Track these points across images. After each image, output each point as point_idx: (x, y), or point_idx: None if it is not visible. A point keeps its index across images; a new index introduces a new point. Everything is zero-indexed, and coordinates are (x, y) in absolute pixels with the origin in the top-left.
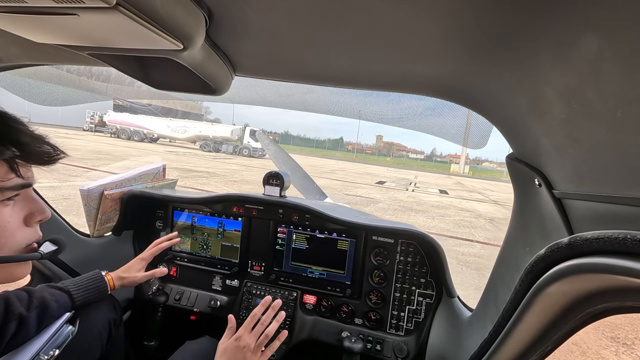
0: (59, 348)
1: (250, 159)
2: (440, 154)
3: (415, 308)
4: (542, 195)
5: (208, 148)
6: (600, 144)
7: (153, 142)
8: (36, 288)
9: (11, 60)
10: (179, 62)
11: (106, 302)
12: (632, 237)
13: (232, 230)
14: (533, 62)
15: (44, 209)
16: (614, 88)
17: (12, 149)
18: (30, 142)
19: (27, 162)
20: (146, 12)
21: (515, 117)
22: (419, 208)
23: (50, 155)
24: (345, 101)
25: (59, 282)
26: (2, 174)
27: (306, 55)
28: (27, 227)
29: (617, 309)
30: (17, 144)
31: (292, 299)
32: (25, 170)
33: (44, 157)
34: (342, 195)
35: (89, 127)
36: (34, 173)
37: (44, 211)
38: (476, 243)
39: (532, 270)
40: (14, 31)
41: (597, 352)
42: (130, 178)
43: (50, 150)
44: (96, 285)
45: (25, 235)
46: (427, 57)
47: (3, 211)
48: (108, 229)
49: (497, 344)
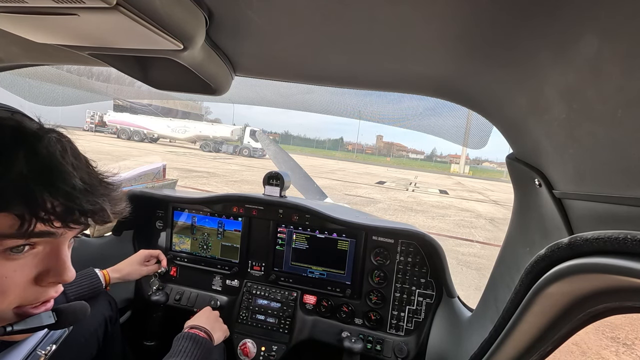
0: (56, 343)
1: (251, 159)
2: (441, 154)
3: (415, 308)
4: (542, 195)
5: (208, 148)
6: (600, 144)
7: (153, 142)
8: None
9: (11, 60)
10: (179, 62)
11: (102, 298)
12: (632, 237)
13: (232, 230)
14: (533, 62)
15: (62, 271)
16: (614, 88)
17: (33, 206)
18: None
19: (57, 220)
20: (146, 12)
21: (515, 117)
22: (419, 208)
23: (100, 217)
24: (345, 101)
25: None
26: (9, 225)
27: (306, 55)
28: (36, 286)
29: (617, 309)
30: (44, 203)
31: (292, 299)
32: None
33: (80, 221)
34: (342, 195)
35: (89, 127)
36: None
37: (62, 274)
38: (476, 243)
39: (532, 270)
40: (14, 31)
41: (597, 353)
42: (130, 178)
43: (101, 209)
44: (89, 282)
45: (30, 294)
46: (427, 57)
47: (4, 264)
48: (108, 229)
49: (497, 344)
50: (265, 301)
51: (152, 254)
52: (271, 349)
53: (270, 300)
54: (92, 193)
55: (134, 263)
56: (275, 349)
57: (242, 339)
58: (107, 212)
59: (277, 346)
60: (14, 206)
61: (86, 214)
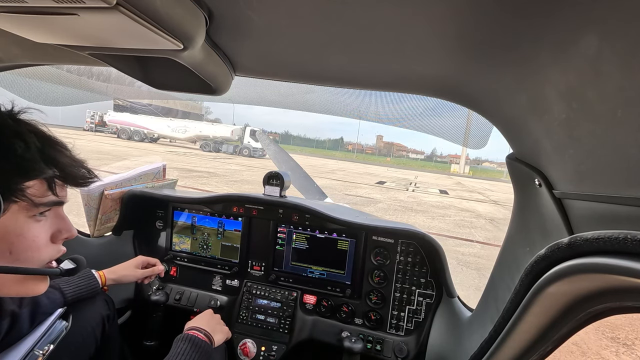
0: (53, 343)
1: (251, 159)
2: (441, 154)
3: (415, 308)
4: (542, 195)
5: (208, 148)
6: (600, 144)
7: (153, 142)
8: None
9: (11, 60)
10: (179, 62)
11: (99, 298)
12: (632, 237)
13: (232, 230)
14: (533, 62)
15: (71, 227)
16: (614, 88)
17: (53, 169)
18: (71, 165)
19: (65, 183)
20: (146, 12)
21: (515, 117)
22: (419, 208)
23: (85, 179)
24: (345, 101)
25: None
26: (41, 191)
27: (306, 55)
28: (52, 244)
29: (617, 309)
30: (58, 165)
31: (292, 299)
32: (60, 189)
33: (80, 180)
34: (342, 195)
35: (89, 127)
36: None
37: (71, 230)
38: (476, 243)
39: (532, 270)
40: (14, 31)
41: (597, 353)
42: (130, 178)
43: (86, 173)
44: (87, 282)
45: (50, 252)
46: (428, 58)
47: (35, 226)
48: (108, 229)
49: (497, 344)
50: (265, 301)
51: (150, 262)
52: (271, 348)
53: (270, 300)
54: (74, 156)
55: (130, 266)
56: (275, 348)
57: (242, 339)
58: (87, 167)
59: (277, 346)
60: (45, 171)
61: (83, 174)
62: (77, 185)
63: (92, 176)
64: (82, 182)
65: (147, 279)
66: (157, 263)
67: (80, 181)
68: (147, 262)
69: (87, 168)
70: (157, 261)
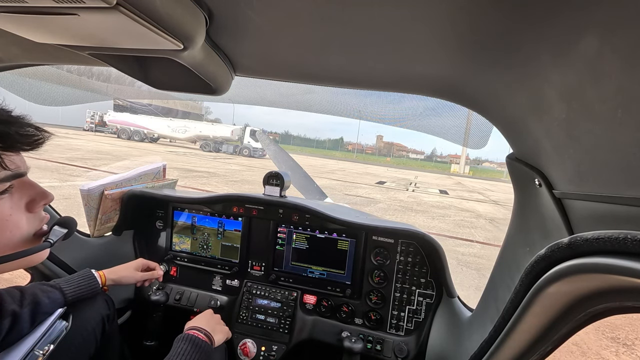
0: (54, 343)
1: (251, 159)
2: (441, 154)
3: (415, 308)
4: (542, 195)
5: (208, 148)
6: (600, 144)
7: (153, 142)
8: (28, 285)
9: (11, 60)
10: (179, 62)
11: (99, 298)
12: (632, 237)
13: (232, 230)
14: (533, 62)
15: (44, 192)
16: (614, 88)
17: None
18: (9, 130)
19: (11, 151)
20: (146, 12)
21: (515, 117)
22: (419, 208)
23: (34, 138)
24: (345, 101)
25: (51, 281)
26: None
27: (306, 55)
28: (31, 213)
29: (617, 309)
30: None
31: (292, 299)
32: (11, 162)
33: (28, 142)
34: (342, 195)
35: (89, 127)
36: (23, 158)
37: (46, 195)
38: (476, 243)
39: (532, 271)
40: (14, 31)
41: (597, 353)
42: (130, 178)
43: (34, 131)
44: (87, 282)
45: (32, 223)
46: (428, 57)
47: (1, 205)
48: (108, 229)
49: (497, 344)
50: (265, 301)
51: (150, 265)
52: (271, 348)
53: (270, 300)
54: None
55: (130, 268)
56: (275, 348)
57: (242, 339)
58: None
59: (277, 346)
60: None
61: (30, 133)
62: (30, 148)
63: (40, 133)
64: (33, 143)
65: (145, 282)
66: (156, 267)
67: (30, 143)
68: (147, 265)
69: (33, 125)
70: (156, 265)
